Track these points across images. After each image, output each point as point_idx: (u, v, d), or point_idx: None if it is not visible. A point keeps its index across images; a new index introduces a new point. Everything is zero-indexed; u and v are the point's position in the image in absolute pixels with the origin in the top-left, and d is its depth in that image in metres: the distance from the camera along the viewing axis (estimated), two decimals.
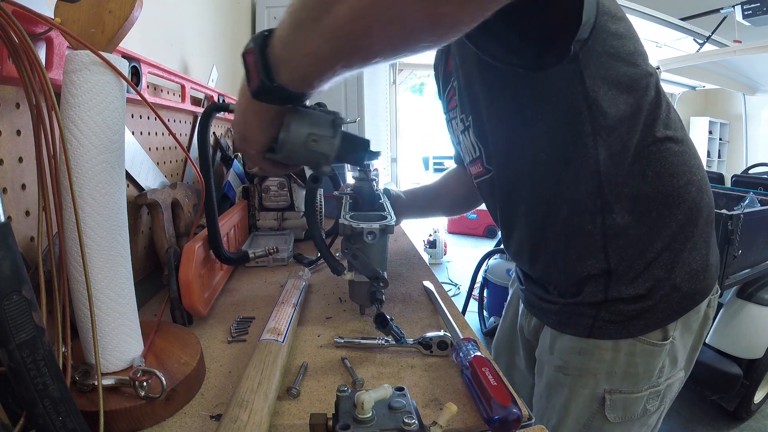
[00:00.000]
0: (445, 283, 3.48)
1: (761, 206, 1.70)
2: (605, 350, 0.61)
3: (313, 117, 0.45)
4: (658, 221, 0.58)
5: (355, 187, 0.80)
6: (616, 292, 0.59)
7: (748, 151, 5.50)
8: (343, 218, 0.62)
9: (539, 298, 0.69)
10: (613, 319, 0.60)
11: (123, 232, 0.46)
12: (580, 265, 0.61)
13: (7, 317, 0.30)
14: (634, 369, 0.61)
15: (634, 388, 0.62)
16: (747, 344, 1.68)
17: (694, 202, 0.60)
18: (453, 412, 0.37)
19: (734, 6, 3.45)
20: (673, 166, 0.58)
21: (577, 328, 0.63)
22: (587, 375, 0.63)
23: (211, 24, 1.39)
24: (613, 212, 0.57)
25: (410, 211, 0.98)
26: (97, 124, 0.42)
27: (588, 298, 0.61)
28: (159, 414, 0.44)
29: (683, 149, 0.60)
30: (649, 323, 0.60)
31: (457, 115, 0.73)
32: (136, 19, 0.44)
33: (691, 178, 0.60)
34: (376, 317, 0.56)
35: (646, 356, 0.61)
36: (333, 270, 0.63)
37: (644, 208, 0.58)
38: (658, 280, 0.59)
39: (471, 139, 0.70)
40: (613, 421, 0.62)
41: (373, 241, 0.60)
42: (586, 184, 0.57)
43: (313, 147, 0.44)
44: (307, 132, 0.44)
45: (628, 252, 0.59)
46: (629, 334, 0.60)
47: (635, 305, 0.59)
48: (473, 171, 0.74)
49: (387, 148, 3.74)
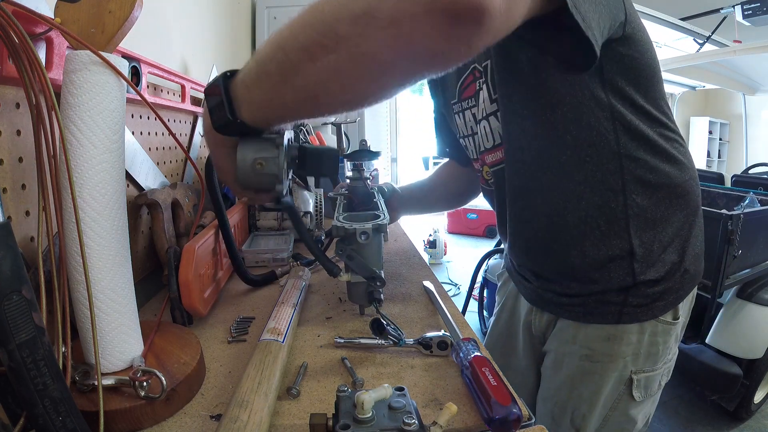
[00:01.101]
0: (445, 283, 3.48)
1: (761, 206, 1.70)
2: (632, 333, 0.65)
3: (258, 142, 0.47)
4: (670, 209, 0.63)
5: (349, 186, 0.80)
6: (642, 275, 0.62)
7: (748, 151, 5.51)
8: (336, 219, 0.62)
9: (557, 294, 0.69)
10: (640, 303, 0.63)
11: (123, 232, 0.46)
12: (605, 246, 0.63)
13: (7, 317, 0.30)
14: (656, 348, 0.65)
15: (654, 366, 0.66)
16: (747, 344, 1.68)
17: (694, 194, 0.66)
18: (453, 412, 0.37)
19: (734, 6, 3.45)
20: (679, 160, 0.64)
21: (604, 317, 0.65)
22: (617, 359, 0.65)
23: (211, 24, 1.39)
24: (633, 192, 0.61)
25: (408, 206, 0.98)
26: (97, 124, 0.42)
27: (616, 282, 0.63)
28: (159, 414, 0.44)
29: (683, 145, 0.66)
30: (668, 303, 0.64)
31: (477, 103, 0.73)
32: (136, 19, 0.44)
33: (692, 174, 0.66)
34: (372, 322, 0.56)
35: (665, 335, 0.66)
36: (329, 272, 0.63)
37: (659, 196, 0.62)
38: (673, 263, 0.64)
39: (491, 126, 0.70)
40: (637, 400, 0.67)
41: (367, 241, 0.60)
42: (608, 164, 0.61)
43: (260, 170, 0.47)
44: (252, 157, 0.46)
45: (647, 234, 0.62)
46: (653, 315, 0.64)
47: (657, 287, 0.63)
48: (490, 159, 0.74)
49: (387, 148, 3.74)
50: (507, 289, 0.90)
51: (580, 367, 0.68)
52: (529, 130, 0.64)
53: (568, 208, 0.64)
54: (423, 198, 1.02)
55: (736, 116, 6.13)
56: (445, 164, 1.01)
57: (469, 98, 0.75)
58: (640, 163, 0.61)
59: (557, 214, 0.65)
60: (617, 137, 0.60)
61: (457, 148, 0.89)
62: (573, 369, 0.69)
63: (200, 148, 1.13)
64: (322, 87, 0.38)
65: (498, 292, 0.96)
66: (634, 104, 0.60)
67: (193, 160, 0.95)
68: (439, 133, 0.95)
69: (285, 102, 0.40)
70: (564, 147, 0.62)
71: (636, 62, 0.59)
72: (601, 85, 0.59)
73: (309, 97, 0.39)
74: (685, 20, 3.84)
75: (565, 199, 0.64)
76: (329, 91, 0.38)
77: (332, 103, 0.40)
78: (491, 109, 0.69)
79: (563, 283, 0.68)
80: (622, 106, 0.59)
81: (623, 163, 0.61)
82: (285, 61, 0.38)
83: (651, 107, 0.62)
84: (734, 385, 1.66)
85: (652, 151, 0.62)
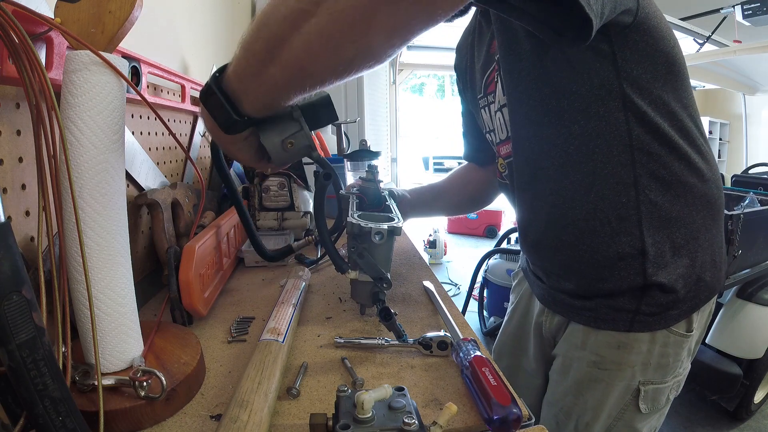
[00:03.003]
0: (445, 283, 3.48)
1: (761, 206, 1.70)
2: (643, 342, 0.63)
3: (276, 123, 0.47)
4: (686, 209, 0.61)
5: (360, 187, 0.80)
6: (654, 276, 0.60)
7: (748, 151, 5.50)
8: (351, 217, 0.62)
9: (570, 296, 0.68)
10: (653, 311, 0.62)
11: (123, 232, 0.46)
12: (615, 243, 0.61)
13: (7, 317, 0.30)
14: (666, 360, 0.64)
15: (663, 379, 0.65)
16: (747, 344, 1.68)
17: (713, 198, 0.63)
18: (453, 412, 0.37)
19: (734, 6, 3.45)
20: (697, 162, 0.61)
21: (615, 324, 0.63)
22: (625, 368, 0.64)
23: (211, 24, 1.39)
24: (646, 188, 0.59)
25: (415, 210, 0.97)
26: (97, 124, 0.42)
27: (626, 282, 0.61)
28: (159, 414, 0.44)
29: (706, 149, 0.64)
30: (681, 312, 0.62)
31: (495, 99, 0.73)
32: (136, 19, 0.44)
33: (712, 177, 0.63)
34: (381, 310, 0.56)
35: (676, 347, 0.64)
36: (337, 268, 0.63)
37: (674, 194, 0.60)
38: (686, 268, 0.61)
39: (504, 117, 0.70)
40: (643, 412, 0.65)
41: (381, 241, 0.60)
42: (619, 156, 0.59)
43: (293, 148, 0.48)
44: (279, 140, 0.48)
45: (659, 234, 0.60)
46: (665, 324, 0.62)
47: (670, 295, 0.61)
48: (503, 151, 0.74)
49: (387, 148, 3.74)
50: (521, 289, 0.90)
51: (587, 373, 0.66)
52: (535, 119, 0.63)
53: (576, 200, 0.62)
54: (433, 202, 1.00)
55: (736, 116, 6.13)
56: (463, 168, 0.99)
57: (492, 93, 0.74)
58: (654, 157, 0.59)
59: (565, 205, 0.63)
60: (629, 129, 0.58)
61: (483, 150, 0.89)
62: (580, 375, 0.67)
63: (200, 148, 1.13)
64: (309, 55, 0.37)
65: (513, 291, 0.95)
66: (651, 95, 0.58)
67: (193, 160, 0.96)
68: (466, 136, 0.94)
69: (276, 81, 0.40)
70: (571, 137, 0.60)
71: (652, 49, 0.57)
72: (615, 74, 0.57)
73: (298, 69, 0.39)
74: (685, 20, 3.83)
75: (573, 191, 0.62)
76: (317, 58, 0.38)
77: (321, 72, 0.39)
78: (503, 101, 0.69)
79: (572, 280, 0.67)
80: (638, 97, 0.57)
81: (635, 156, 0.58)
82: (270, 37, 0.38)
83: (671, 99, 0.59)
84: (734, 385, 1.66)
85: (669, 146, 0.59)
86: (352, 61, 0.38)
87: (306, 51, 0.37)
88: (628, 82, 0.57)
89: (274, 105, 0.44)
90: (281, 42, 0.37)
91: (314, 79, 0.40)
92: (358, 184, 0.82)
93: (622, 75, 0.57)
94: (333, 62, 0.38)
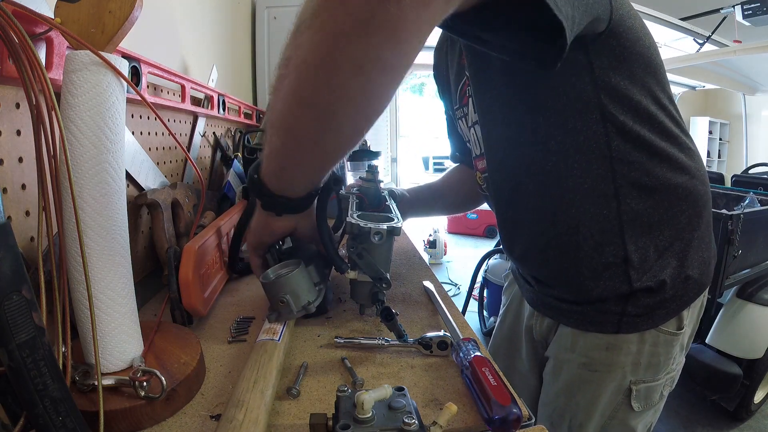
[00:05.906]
0: (445, 283, 3.48)
1: (761, 206, 1.70)
2: (632, 343, 0.63)
3: (300, 285, 0.58)
4: (669, 211, 0.60)
5: (361, 187, 0.80)
6: (639, 282, 0.60)
7: (748, 151, 5.51)
8: (350, 217, 0.62)
9: (558, 299, 0.68)
10: (639, 312, 0.61)
11: (123, 232, 0.46)
12: (598, 254, 0.60)
13: (7, 317, 0.30)
14: (657, 359, 0.64)
15: (655, 377, 0.65)
16: (747, 344, 1.68)
17: (699, 195, 0.63)
18: (453, 412, 0.37)
19: (734, 6, 3.45)
20: (681, 160, 0.61)
21: (603, 326, 0.63)
22: (615, 369, 0.64)
23: (211, 24, 1.39)
24: (627, 197, 0.59)
25: (414, 209, 0.97)
26: (97, 124, 0.42)
27: (612, 290, 0.61)
28: (159, 414, 0.44)
29: (689, 144, 0.63)
30: (669, 311, 0.62)
31: (468, 111, 0.72)
32: (136, 19, 0.44)
33: (697, 174, 0.63)
34: (382, 310, 0.56)
35: (667, 345, 0.64)
36: (337, 268, 0.63)
37: (657, 198, 0.59)
38: (672, 268, 0.61)
39: (478, 134, 0.69)
40: (636, 410, 0.65)
41: (380, 241, 0.60)
42: (599, 169, 0.58)
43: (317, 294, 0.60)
44: (306, 300, 0.58)
45: (642, 239, 0.60)
46: (653, 324, 0.62)
47: (657, 296, 0.61)
48: (480, 166, 0.74)
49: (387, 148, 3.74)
50: (512, 290, 0.90)
51: (578, 375, 0.67)
52: (511, 137, 0.63)
53: (558, 216, 0.61)
54: (432, 201, 1.00)
55: (736, 116, 6.13)
56: (456, 168, 1.00)
57: (466, 105, 0.74)
58: (635, 166, 0.58)
59: (547, 221, 0.63)
60: (608, 141, 0.57)
61: (467, 152, 0.88)
62: (571, 376, 0.68)
63: (200, 148, 1.13)
64: (296, 119, 0.43)
65: (504, 292, 0.95)
66: (630, 101, 0.57)
67: (192, 160, 0.96)
68: (450, 136, 0.94)
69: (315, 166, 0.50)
70: (548, 153, 0.59)
71: (629, 53, 0.56)
72: (592, 85, 0.55)
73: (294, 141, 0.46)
74: (685, 20, 3.84)
75: (555, 206, 0.61)
76: (301, 119, 0.42)
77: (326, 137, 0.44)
78: (476, 119, 0.69)
79: (561, 288, 0.67)
80: (616, 106, 0.56)
81: (615, 167, 0.58)
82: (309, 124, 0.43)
83: (650, 103, 0.58)
84: (734, 385, 1.66)
85: (649, 152, 0.58)
86: (334, 110, 0.40)
87: (291, 114, 0.42)
88: (605, 92, 0.55)
89: (318, 182, 0.55)
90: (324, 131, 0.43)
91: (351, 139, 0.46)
92: (358, 184, 0.82)
93: (600, 85, 0.55)
94: (317, 117, 0.41)
